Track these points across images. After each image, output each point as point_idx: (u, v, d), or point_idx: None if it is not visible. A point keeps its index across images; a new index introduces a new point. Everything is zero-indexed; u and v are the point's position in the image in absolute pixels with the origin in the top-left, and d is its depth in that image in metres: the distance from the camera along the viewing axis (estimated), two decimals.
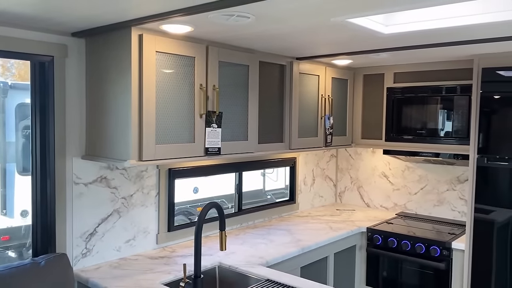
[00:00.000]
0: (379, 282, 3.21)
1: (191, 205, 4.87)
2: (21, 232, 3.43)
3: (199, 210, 4.89)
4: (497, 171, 2.69)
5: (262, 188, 6.03)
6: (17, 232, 3.43)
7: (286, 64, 2.92)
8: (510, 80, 2.63)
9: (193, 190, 5.06)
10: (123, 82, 2.06)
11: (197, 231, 1.87)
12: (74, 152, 2.25)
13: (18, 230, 3.43)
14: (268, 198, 5.57)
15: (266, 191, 6.07)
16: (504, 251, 2.68)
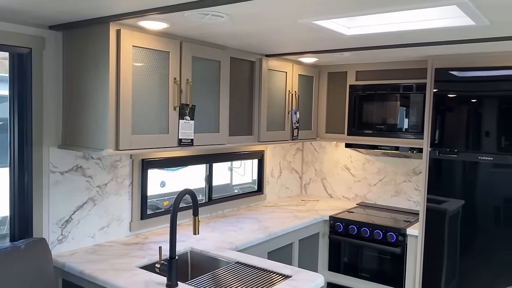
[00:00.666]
0: (340, 266, 3.43)
1: (158, 199, 4.94)
2: None
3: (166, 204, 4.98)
4: (448, 163, 2.94)
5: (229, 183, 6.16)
6: None
7: (256, 60, 3.08)
8: (460, 80, 2.88)
9: (160, 184, 5.13)
10: (101, 74, 2.15)
11: (173, 214, 1.99)
12: (51, 142, 2.33)
13: None
14: (235, 193, 5.72)
15: (233, 185, 6.21)
16: (455, 237, 2.94)
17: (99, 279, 2.07)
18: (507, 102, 2.71)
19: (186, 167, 5.77)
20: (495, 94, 2.75)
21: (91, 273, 2.12)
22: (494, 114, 2.75)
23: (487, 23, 1.98)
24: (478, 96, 2.81)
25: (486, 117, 2.78)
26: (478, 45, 2.52)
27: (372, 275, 3.28)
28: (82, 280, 2.16)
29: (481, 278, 2.84)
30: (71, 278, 2.22)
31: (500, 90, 2.74)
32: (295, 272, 2.19)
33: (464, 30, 2.15)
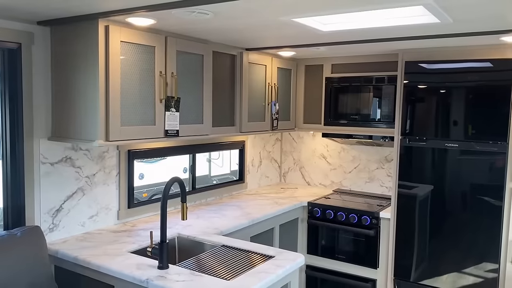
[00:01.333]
0: (318, 249, 3.62)
1: (137, 191, 5.03)
2: None
3: (145, 195, 5.06)
4: (418, 151, 3.15)
5: (208, 174, 6.28)
6: None
7: (237, 54, 3.20)
8: (428, 72, 3.08)
9: (138, 176, 5.21)
10: (90, 69, 2.24)
11: (163, 201, 2.12)
12: (41, 134, 2.41)
13: None
14: (214, 184, 5.87)
15: (212, 176, 6.34)
16: (424, 220, 3.16)
17: (93, 264, 2.18)
18: (472, 92, 2.93)
19: (165, 159, 5.86)
20: (461, 85, 2.96)
21: (85, 258, 2.23)
22: (460, 104, 2.97)
23: (451, 21, 2.16)
24: (445, 87, 3.02)
25: (453, 107, 2.99)
26: (443, 40, 2.72)
27: (348, 257, 3.49)
28: (75, 265, 2.27)
29: (450, 258, 3.07)
30: (64, 265, 2.32)
31: (465, 81, 2.95)
32: (277, 253, 2.35)
33: (430, 27, 2.33)
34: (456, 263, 3.04)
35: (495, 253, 2.91)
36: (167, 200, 2.13)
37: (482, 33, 2.47)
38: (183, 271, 2.08)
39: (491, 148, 2.87)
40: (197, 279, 1.99)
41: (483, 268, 2.95)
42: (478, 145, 2.91)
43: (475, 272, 2.98)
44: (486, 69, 2.87)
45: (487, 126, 2.87)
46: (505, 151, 2.83)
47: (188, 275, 2.02)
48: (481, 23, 2.24)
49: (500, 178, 2.86)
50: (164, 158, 8.17)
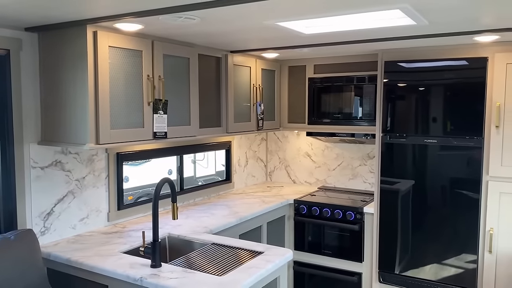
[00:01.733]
0: (305, 245, 3.71)
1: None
2: None
3: (130, 198, 5.07)
4: (398, 147, 3.27)
5: (193, 175, 6.31)
6: None
7: (222, 56, 3.27)
8: (407, 70, 3.20)
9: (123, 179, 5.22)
10: (79, 73, 2.29)
11: (155, 201, 2.18)
12: (31, 139, 2.44)
13: None
14: (201, 184, 5.91)
15: (197, 177, 6.39)
16: (407, 214, 3.27)
17: (86, 265, 2.22)
18: (449, 90, 3.05)
19: (150, 162, 5.88)
20: (438, 83, 3.09)
21: (77, 259, 2.27)
22: (438, 101, 3.09)
23: (426, 23, 2.27)
24: (423, 85, 3.14)
25: (431, 104, 3.12)
26: (420, 40, 2.84)
27: (334, 252, 3.59)
28: (68, 267, 2.31)
29: (431, 250, 3.19)
30: (57, 267, 2.36)
31: (442, 79, 3.07)
32: (266, 249, 2.43)
33: (407, 28, 2.44)
34: (438, 255, 3.17)
35: (474, 245, 3.04)
36: (158, 200, 2.19)
37: (457, 33, 2.59)
38: (175, 268, 2.14)
39: (468, 143, 3.00)
40: (190, 276, 2.05)
41: (464, 259, 3.08)
42: (455, 140, 3.04)
43: (456, 263, 3.11)
44: (461, 67, 3.00)
45: (463, 122, 3.01)
46: (481, 145, 2.97)
47: (181, 272, 2.09)
48: (455, 25, 2.36)
49: (476, 171, 2.99)
50: (149, 161, 8.16)
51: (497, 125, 2.91)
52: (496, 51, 2.91)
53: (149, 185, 4.05)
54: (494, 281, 2.99)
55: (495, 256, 2.99)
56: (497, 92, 2.90)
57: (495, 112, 2.91)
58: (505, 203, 2.93)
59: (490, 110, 2.94)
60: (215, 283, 1.97)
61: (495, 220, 2.97)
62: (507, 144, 2.90)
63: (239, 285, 1.96)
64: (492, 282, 3.00)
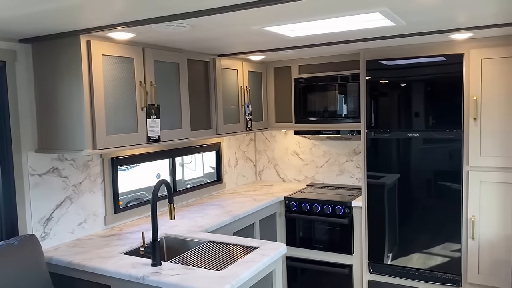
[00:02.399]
0: (296, 241, 3.83)
1: None
2: None
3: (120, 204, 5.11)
4: (383, 142, 3.41)
5: (181, 178, 6.37)
6: None
7: (210, 60, 3.37)
8: (388, 68, 3.34)
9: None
10: (74, 82, 2.36)
11: (153, 202, 2.27)
12: (28, 147, 2.50)
13: None
14: (192, 186, 5.99)
15: (186, 180, 6.46)
16: (394, 206, 3.41)
17: (88, 267, 2.30)
18: (428, 85, 3.20)
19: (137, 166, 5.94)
20: (418, 79, 3.23)
21: (79, 262, 2.34)
22: (419, 96, 3.24)
23: (404, 23, 2.41)
24: (404, 81, 3.28)
25: (412, 99, 3.26)
26: (399, 39, 2.98)
27: (325, 245, 3.71)
28: (70, 270, 2.38)
29: (418, 241, 3.34)
30: (59, 270, 2.43)
31: (422, 75, 3.22)
32: (261, 244, 2.54)
33: (387, 29, 2.57)
34: (425, 244, 3.32)
35: (457, 232, 3.19)
36: (156, 201, 2.28)
37: (433, 32, 2.73)
38: (175, 266, 2.24)
39: (448, 135, 3.15)
40: (190, 272, 2.15)
41: (449, 247, 3.23)
42: (436, 134, 3.19)
43: (442, 251, 3.26)
44: (439, 63, 3.15)
45: (443, 116, 3.16)
46: (461, 137, 3.12)
47: (181, 269, 2.18)
48: (431, 24, 2.50)
49: (457, 162, 3.14)
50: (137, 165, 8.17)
51: (474, 117, 3.06)
52: (471, 47, 3.07)
53: (138, 190, 4.09)
54: (477, 266, 3.15)
55: (477, 242, 3.14)
56: (473, 86, 3.06)
57: (473, 105, 3.07)
58: (485, 191, 3.09)
59: (468, 103, 3.09)
60: (215, 276, 2.07)
61: (476, 208, 3.13)
62: (484, 135, 3.06)
63: (238, 278, 2.06)
64: (476, 267, 3.15)
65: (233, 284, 2.01)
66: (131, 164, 3.22)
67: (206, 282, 2.02)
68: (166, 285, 2.05)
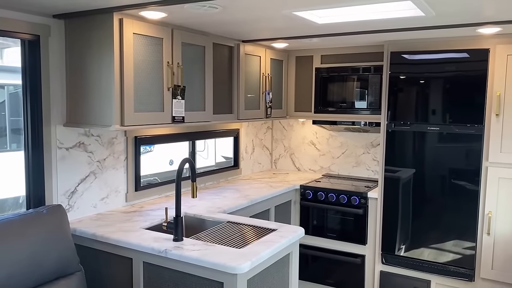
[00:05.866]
0: (310, 229, 3.87)
1: None
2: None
3: None
4: (402, 134, 3.42)
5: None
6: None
7: (234, 45, 3.41)
8: (412, 62, 3.35)
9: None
10: (106, 59, 2.42)
11: (178, 178, 2.32)
12: (57, 121, 2.57)
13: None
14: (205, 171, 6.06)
15: (198, 168, 6.54)
16: (410, 199, 3.43)
17: (112, 239, 2.37)
18: (451, 80, 3.20)
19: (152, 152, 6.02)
20: (441, 73, 3.24)
21: (103, 234, 2.41)
22: (441, 91, 3.24)
23: (433, 13, 2.42)
24: (427, 75, 3.29)
25: (434, 93, 3.27)
26: (426, 32, 2.99)
27: (338, 235, 3.75)
28: (93, 242, 2.45)
29: (431, 234, 3.36)
30: (82, 242, 2.50)
31: (445, 70, 3.22)
32: (279, 227, 2.59)
33: (415, 20, 2.58)
34: (437, 238, 3.33)
35: (473, 227, 3.20)
36: (181, 178, 2.34)
37: (461, 25, 2.73)
38: (197, 242, 2.29)
39: (469, 130, 3.15)
40: (211, 248, 2.20)
41: (463, 241, 3.24)
42: (457, 128, 3.19)
43: (456, 244, 3.27)
44: (464, 59, 3.15)
45: (465, 111, 3.16)
46: (481, 133, 3.12)
47: (202, 245, 2.24)
48: (460, 16, 2.50)
49: (476, 158, 3.15)
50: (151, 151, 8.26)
51: (497, 113, 3.06)
52: (498, 43, 3.06)
53: (151, 175, 4.16)
54: (491, 261, 3.16)
55: (492, 238, 3.15)
56: (497, 82, 3.05)
57: (496, 101, 3.06)
58: (503, 187, 3.10)
59: (491, 99, 3.09)
60: (236, 253, 2.12)
61: (493, 204, 3.13)
62: (506, 131, 3.06)
63: (258, 256, 2.11)
64: (490, 262, 3.17)
65: (253, 261, 2.06)
66: (153, 144, 3.28)
67: (227, 257, 2.07)
68: (188, 259, 2.11)
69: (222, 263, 2.02)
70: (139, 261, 2.30)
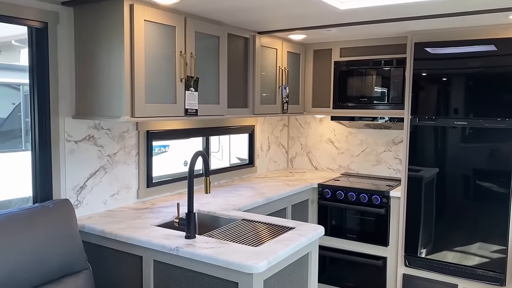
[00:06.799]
0: (328, 229, 3.70)
1: None
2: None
3: None
4: (426, 130, 3.23)
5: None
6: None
7: (250, 37, 3.28)
8: (436, 55, 3.17)
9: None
10: (116, 47, 2.30)
11: (190, 173, 2.19)
12: (66, 112, 2.47)
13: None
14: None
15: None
16: (435, 198, 3.25)
17: (121, 236, 2.25)
18: (481, 71, 3.01)
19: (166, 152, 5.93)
20: (468, 66, 3.05)
21: (112, 231, 2.29)
22: (469, 83, 3.05)
23: None
24: (454, 68, 3.10)
25: (462, 86, 3.08)
26: (451, 20, 2.81)
27: (359, 236, 3.58)
28: (102, 239, 2.34)
29: (461, 234, 3.16)
30: (91, 239, 2.39)
31: (472, 63, 3.03)
32: (297, 225, 2.43)
33: (442, 4, 2.41)
34: (468, 239, 3.14)
35: (503, 230, 3.00)
36: (193, 172, 2.20)
37: (491, 10, 2.55)
38: (210, 240, 2.16)
39: (500, 124, 2.96)
40: (225, 245, 2.06)
41: (493, 245, 3.04)
42: (486, 122, 3.00)
43: (485, 248, 3.07)
44: (493, 50, 2.96)
45: (495, 104, 2.97)
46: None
47: (216, 243, 2.10)
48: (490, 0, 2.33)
49: (508, 155, 2.95)
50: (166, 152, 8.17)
51: None
52: None
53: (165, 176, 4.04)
54: None
55: None
56: None
57: None
58: None
59: None
60: (251, 251, 1.98)
61: None
62: None
63: (276, 255, 1.96)
64: None
65: (270, 260, 1.92)
66: (166, 139, 3.16)
67: (242, 256, 1.93)
68: (201, 257, 1.97)
69: (237, 262, 1.88)
70: (150, 260, 2.17)
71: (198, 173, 3.45)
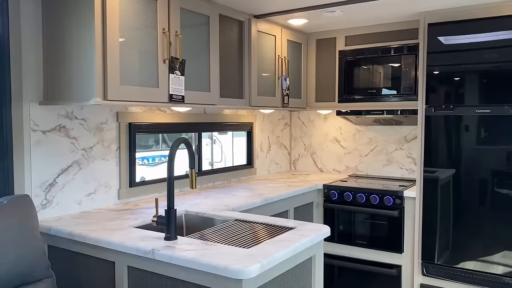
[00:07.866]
0: (335, 235, 3.34)
1: None
2: None
3: None
4: (443, 121, 2.88)
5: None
6: None
7: (245, 20, 2.97)
8: (454, 40, 2.83)
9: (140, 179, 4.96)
10: (85, 19, 1.99)
11: (170, 162, 1.86)
12: (31, 97, 2.15)
13: None
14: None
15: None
16: (456, 197, 2.88)
17: (90, 238, 1.91)
18: (503, 54, 2.67)
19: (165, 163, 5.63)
20: (492, 45, 2.71)
21: (81, 233, 1.95)
22: (491, 65, 2.71)
23: None
24: (474, 49, 2.77)
25: (483, 68, 2.74)
26: None
27: (369, 242, 3.20)
28: (70, 242, 2.00)
29: (489, 239, 2.79)
30: (58, 243, 2.05)
31: (492, 48, 2.70)
32: (298, 225, 2.08)
33: None
34: (483, 247, 2.76)
35: None
36: (173, 160, 1.87)
37: None
38: (193, 241, 1.81)
39: None
40: (211, 247, 1.71)
41: None
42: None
43: (503, 261, 2.70)
44: None
45: None
46: None
47: (200, 245, 1.75)
48: None
49: None
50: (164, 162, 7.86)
51: None
52: None
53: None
54: None
55: None
56: None
57: None
58: None
59: None
60: (242, 254, 1.63)
61: None
62: None
63: (271, 257, 1.61)
64: None
65: (264, 264, 1.57)
66: (151, 133, 2.83)
67: (230, 259, 1.58)
68: (180, 261, 1.63)
69: (223, 266, 1.53)
70: (123, 265, 1.83)
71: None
